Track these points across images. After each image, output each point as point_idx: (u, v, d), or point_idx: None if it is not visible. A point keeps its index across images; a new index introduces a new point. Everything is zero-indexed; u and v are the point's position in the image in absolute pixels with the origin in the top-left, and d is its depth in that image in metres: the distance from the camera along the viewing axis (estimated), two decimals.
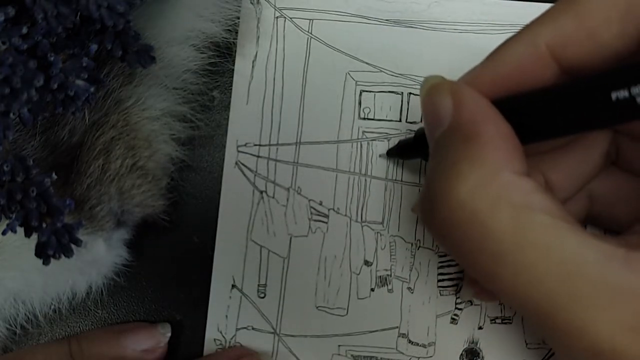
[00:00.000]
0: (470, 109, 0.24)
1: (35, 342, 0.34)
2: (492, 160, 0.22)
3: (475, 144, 0.23)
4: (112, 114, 0.30)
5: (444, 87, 0.25)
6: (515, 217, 0.21)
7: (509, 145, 0.23)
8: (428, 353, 0.33)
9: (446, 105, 0.24)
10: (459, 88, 0.25)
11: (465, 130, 0.23)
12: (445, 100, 0.24)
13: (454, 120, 0.24)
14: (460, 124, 0.24)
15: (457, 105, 0.24)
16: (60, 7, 0.24)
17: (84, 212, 0.29)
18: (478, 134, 0.23)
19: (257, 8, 0.36)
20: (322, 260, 0.34)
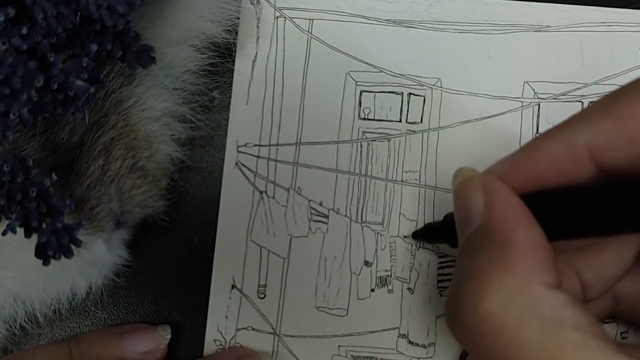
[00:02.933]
0: (502, 211, 0.23)
1: (34, 342, 0.34)
2: (523, 272, 0.22)
3: (506, 252, 0.22)
4: (112, 114, 0.30)
5: (475, 182, 0.24)
6: (545, 333, 0.21)
7: (541, 255, 0.22)
8: (428, 354, 0.33)
9: (478, 203, 0.24)
10: (491, 185, 0.24)
11: (496, 234, 0.23)
12: (477, 197, 0.24)
13: (485, 221, 0.23)
14: (491, 226, 0.23)
15: (489, 205, 0.23)
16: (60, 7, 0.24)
17: (83, 213, 0.29)
18: (508, 242, 0.22)
19: (257, 8, 0.36)
20: (322, 260, 0.34)
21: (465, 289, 0.23)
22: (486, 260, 0.22)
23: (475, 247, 0.24)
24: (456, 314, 0.23)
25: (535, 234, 0.23)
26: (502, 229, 0.23)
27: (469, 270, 0.23)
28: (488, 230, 0.23)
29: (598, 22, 0.35)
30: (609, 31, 0.35)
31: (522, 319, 0.21)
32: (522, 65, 0.35)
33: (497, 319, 0.21)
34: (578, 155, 0.23)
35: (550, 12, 0.35)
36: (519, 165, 0.25)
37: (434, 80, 0.35)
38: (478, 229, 0.24)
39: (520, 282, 0.21)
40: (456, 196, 0.25)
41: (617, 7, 0.35)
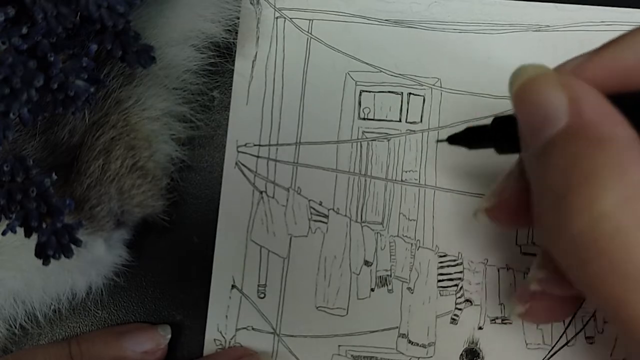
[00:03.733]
0: (594, 108, 0.21)
1: (35, 342, 0.34)
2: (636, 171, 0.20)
3: (611, 149, 0.20)
4: (112, 114, 0.30)
5: (553, 79, 0.22)
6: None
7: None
8: (428, 353, 0.33)
9: (559, 103, 0.21)
10: (574, 82, 0.22)
11: (592, 133, 0.21)
12: (557, 95, 0.21)
13: (574, 120, 0.21)
14: (585, 125, 0.21)
15: (575, 103, 0.21)
16: (60, 7, 0.24)
17: (84, 212, 0.29)
18: (612, 138, 0.20)
19: (257, 8, 0.36)
20: (322, 260, 0.34)
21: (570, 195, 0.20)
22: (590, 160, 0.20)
23: (566, 148, 0.21)
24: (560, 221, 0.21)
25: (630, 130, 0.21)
26: (599, 126, 0.21)
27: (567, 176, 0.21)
28: (582, 129, 0.21)
29: (598, 22, 0.35)
30: (608, 31, 0.35)
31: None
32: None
33: (612, 222, 0.20)
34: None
35: (550, 12, 0.35)
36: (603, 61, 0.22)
37: (433, 80, 0.35)
38: (565, 130, 0.21)
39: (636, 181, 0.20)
40: (524, 96, 0.23)
41: (617, 7, 0.35)
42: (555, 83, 0.22)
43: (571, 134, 0.21)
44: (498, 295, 0.34)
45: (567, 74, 0.22)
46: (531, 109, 0.22)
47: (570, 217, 0.21)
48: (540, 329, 0.33)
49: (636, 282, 0.19)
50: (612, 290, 0.20)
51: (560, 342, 0.33)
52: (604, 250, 0.20)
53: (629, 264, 0.19)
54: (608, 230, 0.20)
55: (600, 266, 0.20)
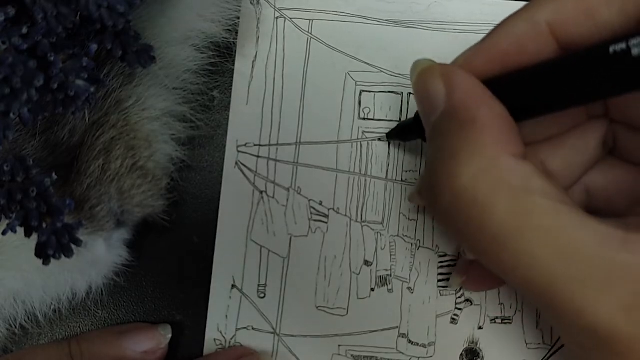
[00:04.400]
0: (463, 92, 0.24)
1: (35, 342, 0.34)
2: (490, 144, 0.22)
3: (472, 129, 0.23)
4: (112, 114, 0.30)
5: (434, 70, 0.25)
6: (515, 201, 0.22)
7: (505, 127, 0.23)
8: (428, 353, 0.33)
9: (438, 90, 0.24)
10: (450, 71, 0.25)
11: (460, 115, 0.23)
12: (436, 84, 0.24)
13: (448, 105, 0.24)
14: (455, 109, 0.24)
15: (450, 89, 0.24)
16: (60, 7, 0.24)
17: (84, 212, 0.29)
18: (474, 119, 0.23)
19: (257, 8, 0.36)
20: (322, 260, 0.34)
21: (437, 170, 0.24)
22: (454, 141, 0.23)
23: (441, 130, 0.24)
24: (433, 195, 0.24)
25: (498, 108, 0.23)
26: (466, 108, 0.23)
27: (440, 153, 0.24)
28: (452, 113, 0.24)
29: None
30: None
31: (493, 190, 0.22)
32: None
33: (470, 193, 0.22)
34: (540, 32, 0.24)
35: None
36: (484, 49, 0.25)
37: None
38: (442, 114, 0.24)
39: (489, 155, 0.22)
40: (416, 87, 0.26)
41: None
42: (436, 74, 0.25)
43: (444, 117, 0.24)
44: (498, 295, 0.34)
45: (448, 66, 0.25)
46: (421, 98, 0.26)
47: (437, 193, 0.23)
48: (541, 329, 0.33)
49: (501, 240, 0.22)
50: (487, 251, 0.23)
51: (560, 342, 0.33)
52: (470, 220, 0.22)
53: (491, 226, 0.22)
54: (467, 201, 0.22)
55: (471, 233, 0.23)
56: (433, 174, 0.24)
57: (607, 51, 0.21)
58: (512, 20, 0.25)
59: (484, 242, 0.22)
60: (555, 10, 0.24)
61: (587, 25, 0.23)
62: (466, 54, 0.26)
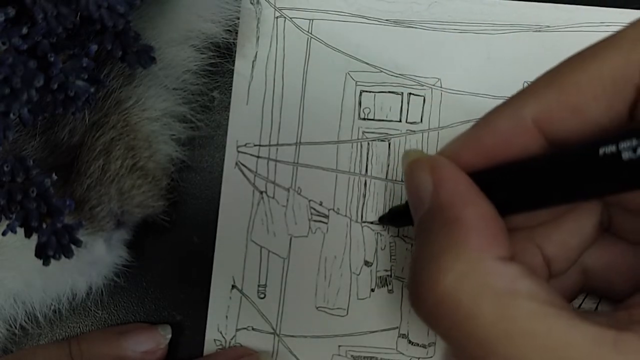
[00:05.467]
0: (450, 190, 0.23)
1: (35, 342, 0.34)
2: (474, 248, 0.22)
3: (456, 230, 0.22)
4: (112, 114, 0.30)
5: (423, 164, 0.24)
6: (500, 306, 0.21)
7: (491, 228, 0.22)
8: (428, 353, 0.33)
9: (426, 185, 0.24)
10: (438, 165, 0.24)
11: (445, 214, 0.23)
12: (425, 178, 0.24)
13: (434, 202, 0.23)
14: (440, 206, 0.23)
15: (437, 185, 0.24)
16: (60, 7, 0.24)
17: (84, 213, 0.29)
18: (458, 219, 0.22)
19: (257, 8, 0.36)
20: (322, 260, 0.34)
21: (421, 272, 0.23)
22: (438, 241, 0.23)
23: (426, 228, 0.24)
24: (416, 297, 0.23)
25: (485, 208, 0.23)
26: (451, 207, 0.23)
27: (423, 253, 0.23)
28: (437, 211, 0.23)
29: (598, 22, 0.35)
30: (609, 31, 0.35)
31: (476, 295, 0.21)
32: (522, 65, 0.35)
33: (453, 298, 0.21)
34: (526, 128, 0.23)
35: (550, 12, 0.35)
36: (469, 143, 0.25)
37: (434, 80, 0.35)
38: (428, 210, 0.24)
39: (473, 258, 0.22)
40: (406, 178, 0.25)
41: (617, 7, 0.35)
42: (425, 167, 0.24)
43: (430, 214, 0.24)
44: None
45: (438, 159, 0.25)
46: (410, 191, 0.25)
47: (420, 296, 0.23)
48: None
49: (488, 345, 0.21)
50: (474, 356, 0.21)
51: None
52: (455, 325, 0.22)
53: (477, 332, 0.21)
54: (449, 307, 0.22)
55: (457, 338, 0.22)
56: (416, 274, 0.23)
57: (596, 153, 0.20)
58: (495, 116, 0.24)
59: (470, 348, 0.22)
60: (539, 106, 0.23)
61: (575, 122, 0.23)
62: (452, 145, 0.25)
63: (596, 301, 0.33)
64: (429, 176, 0.24)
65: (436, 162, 0.24)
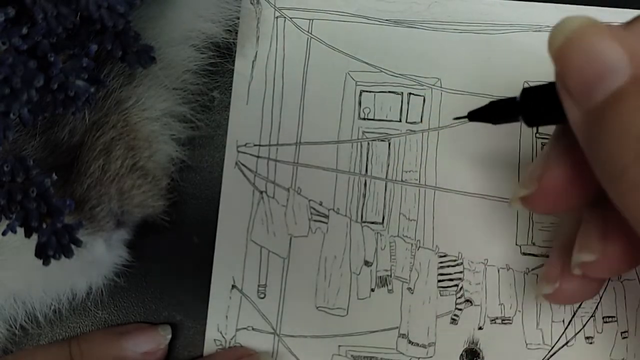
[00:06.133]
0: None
1: (35, 343, 0.34)
2: None
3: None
4: (112, 114, 0.30)
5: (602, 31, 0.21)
6: None
7: None
8: (428, 353, 0.33)
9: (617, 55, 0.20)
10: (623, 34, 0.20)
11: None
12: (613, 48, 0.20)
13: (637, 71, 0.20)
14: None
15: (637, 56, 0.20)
16: (60, 7, 0.24)
17: (84, 213, 0.29)
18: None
19: (257, 8, 0.36)
20: (322, 260, 0.34)
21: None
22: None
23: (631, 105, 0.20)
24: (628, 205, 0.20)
25: None
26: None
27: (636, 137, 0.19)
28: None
29: None
30: None
31: None
32: (522, 65, 0.35)
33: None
34: None
35: (550, 12, 0.35)
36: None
37: (433, 80, 0.35)
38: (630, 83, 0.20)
39: None
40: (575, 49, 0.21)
41: (617, 7, 0.35)
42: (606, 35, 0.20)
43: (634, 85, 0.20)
44: (498, 295, 0.34)
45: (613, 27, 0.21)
46: (584, 62, 0.21)
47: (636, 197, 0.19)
48: (540, 328, 0.33)
49: None
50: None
51: (560, 342, 0.33)
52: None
53: None
54: None
55: None
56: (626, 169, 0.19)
57: None
58: None
59: None
60: None
61: None
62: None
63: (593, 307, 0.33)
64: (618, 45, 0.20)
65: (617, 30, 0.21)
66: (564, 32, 0.21)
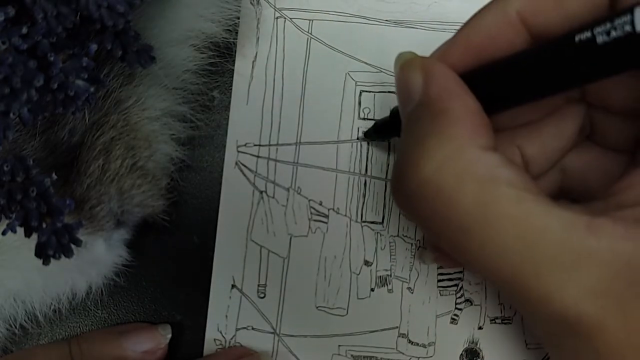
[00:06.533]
0: (439, 85, 0.24)
1: (35, 342, 0.34)
2: (458, 137, 0.22)
3: (442, 120, 0.23)
4: (112, 114, 0.30)
5: (415, 62, 0.25)
6: (480, 191, 0.22)
7: (476, 121, 0.23)
8: (428, 353, 0.33)
9: (417, 81, 0.25)
10: (429, 63, 0.25)
11: (433, 106, 0.24)
12: (416, 75, 0.25)
13: (424, 96, 0.24)
14: (429, 99, 0.24)
15: (427, 81, 0.24)
16: (60, 7, 0.24)
17: (84, 212, 0.29)
18: (445, 110, 0.23)
19: (257, 8, 0.36)
20: (322, 260, 0.34)
21: (405, 158, 0.24)
22: (424, 130, 0.23)
23: (414, 120, 0.24)
24: (398, 184, 0.24)
25: (470, 102, 0.24)
26: (439, 100, 0.24)
27: (409, 141, 0.24)
28: (426, 103, 0.24)
29: None
30: None
31: (458, 181, 0.22)
32: None
33: (434, 184, 0.22)
34: (511, 22, 0.24)
35: None
36: (458, 43, 0.25)
37: None
38: (417, 104, 0.24)
39: (456, 146, 0.22)
40: (397, 78, 0.26)
41: None
42: (416, 66, 0.25)
43: (418, 108, 0.24)
44: (498, 296, 0.34)
45: (429, 59, 0.26)
46: (400, 88, 0.26)
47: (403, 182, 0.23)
48: None
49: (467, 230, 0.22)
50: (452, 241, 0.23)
51: None
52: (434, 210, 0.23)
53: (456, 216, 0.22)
54: (431, 192, 0.22)
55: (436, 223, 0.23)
56: (400, 162, 0.24)
57: (573, 40, 0.21)
58: (483, 13, 0.25)
59: (449, 232, 0.22)
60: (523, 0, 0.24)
61: (557, 15, 0.23)
62: (441, 48, 0.26)
63: None
64: (419, 73, 0.25)
65: (426, 61, 0.25)
66: (397, 62, 0.26)
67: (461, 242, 0.22)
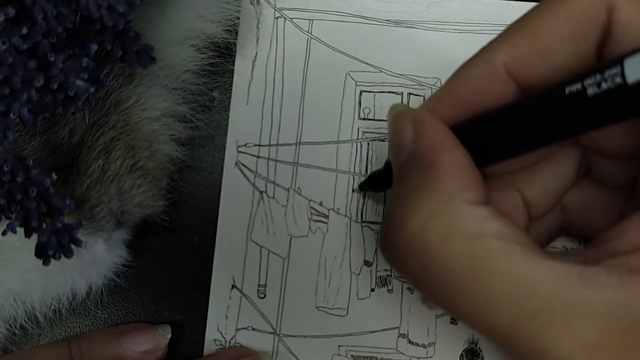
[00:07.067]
0: (429, 138, 0.24)
1: (35, 342, 0.34)
2: (445, 191, 0.22)
3: (431, 173, 0.23)
4: (112, 114, 0.30)
5: (406, 114, 0.25)
6: (469, 245, 0.21)
7: (464, 174, 0.23)
8: (428, 353, 0.33)
9: (407, 134, 0.25)
10: (420, 115, 0.25)
11: (422, 159, 0.24)
12: (407, 128, 0.25)
13: (413, 148, 0.24)
14: (419, 152, 0.24)
15: (417, 134, 0.24)
16: (60, 7, 0.24)
17: (83, 213, 0.29)
18: (434, 164, 0.23)
19: (257, 8, 0.36)
20: (322, 260, 0.34)
21: (392, 212, 0.23)
22: (412, 183, 0.23)
23: (403, 174, 0.24)
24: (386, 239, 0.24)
25: (460, 156, 0.23)
26: (428, 153, 0.23)
27: (397, 195, 0.24)
28: (415, 157, 0.24)
29: None
30: None
31: (444, 235, 0.22)
32: None
33: (421, 238, 0.22)
34: (498, 74, 0.24)
35: None
36: (446, 95, 0.25)
37: (433, 80, 0.35)
38: (407, 157, 0.24)
39: (443, 200, 0.22)
40: (389, 130, 0.26)
41: None
42: (407, 118, 0.25)
43: (408, 160, 0.24)
44: None
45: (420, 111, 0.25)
46: (392, 140, 0.26)
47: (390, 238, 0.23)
48: None
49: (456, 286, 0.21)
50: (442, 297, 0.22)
51: None
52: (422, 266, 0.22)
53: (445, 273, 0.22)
54: (417, 247, 0.22)
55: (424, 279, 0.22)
56: (388, 216, 0.24)
57: (563, 92, 0.21)
58: (469, 65, 0.25)
59: (438, 288, 0.22)
60: (511, 52, 0.23)
61: (544, 66, 0.23)
62: (432, 98, 0.26)
63: None
64: (410, 126, 0.25)
65: (417, 114, 0.25)
66: (389, 116, 0.26)
67: (451, 297, 0.22)
